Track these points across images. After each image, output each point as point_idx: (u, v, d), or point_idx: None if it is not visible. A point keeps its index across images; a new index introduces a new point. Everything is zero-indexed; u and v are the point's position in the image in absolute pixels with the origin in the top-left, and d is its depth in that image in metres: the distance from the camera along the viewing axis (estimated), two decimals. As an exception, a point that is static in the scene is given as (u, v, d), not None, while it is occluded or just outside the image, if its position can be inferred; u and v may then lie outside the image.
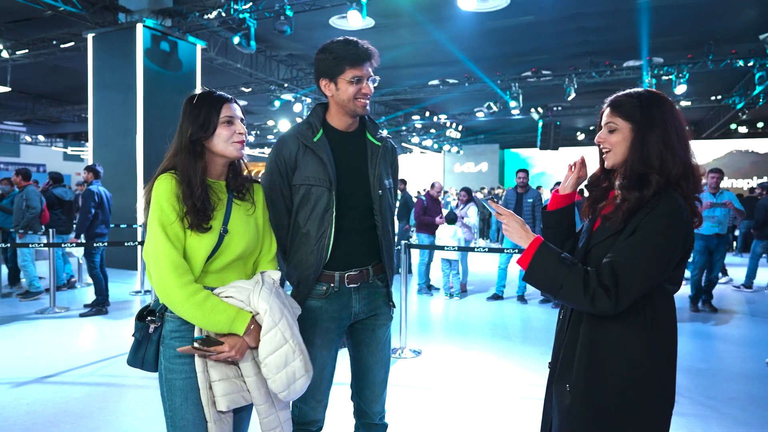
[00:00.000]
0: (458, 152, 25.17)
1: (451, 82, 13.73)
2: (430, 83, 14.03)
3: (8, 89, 12.65)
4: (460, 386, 3.72)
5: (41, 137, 23.55)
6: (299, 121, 1.98)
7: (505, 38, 10.35)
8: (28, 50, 10.27)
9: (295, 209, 1.80)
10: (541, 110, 15.77)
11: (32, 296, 6.40)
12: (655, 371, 1.33)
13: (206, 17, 8.46)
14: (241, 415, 1.64)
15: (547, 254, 1.37)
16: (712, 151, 21.40)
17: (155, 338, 1.54)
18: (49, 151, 25.39)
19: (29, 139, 23.54)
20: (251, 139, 22.77)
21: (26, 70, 12.15)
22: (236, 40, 8.26)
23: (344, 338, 1.96)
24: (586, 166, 1.56)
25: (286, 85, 12.88)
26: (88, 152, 9.19)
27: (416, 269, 7.39)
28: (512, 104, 12.96)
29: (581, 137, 22.11)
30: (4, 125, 21.29)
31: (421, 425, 3.09)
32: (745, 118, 15.89)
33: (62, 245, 5.79)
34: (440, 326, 5.59)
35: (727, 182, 19.81)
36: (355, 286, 1.82)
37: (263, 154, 27.31)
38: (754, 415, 3.28)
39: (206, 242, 1.49)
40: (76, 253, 6.18)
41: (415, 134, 22.13)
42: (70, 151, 25.80)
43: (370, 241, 1.85)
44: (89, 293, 6.71)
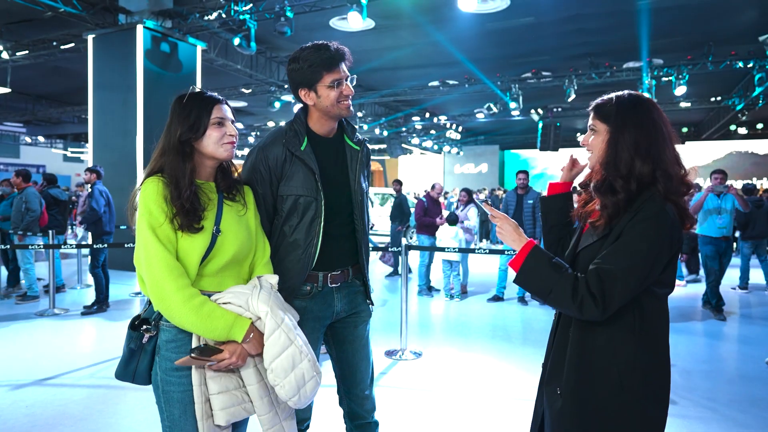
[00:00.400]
0: (458, 153, 25.18)
1: (451, 83, 13.73)
2: (430, 84, 14.03)
3: (8, 90, 12.65)
4: (461, 388, 3.71)
5: (41, 138, 23.55)
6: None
7: (505, 39, 10.35)
8: (28, 51, 10.27)
9: (281, 219, 1.79)
10: (541, 111, 15.78)
11: (30, 299, 6.40)
12: (644, 373, 1.33)
13: (206, 18, 8.46)
14: (239, 430, 1.60)
15: (538, 258, 1.38)
16: (711, 152, 21.41)
17: (149, 348, 1.47)
18: (48, 152, 25.39)
19: (29, 140, 23.54)
20: (251, 140, 22.75)
21: (26, 71, 12.15)
22: (236, 41, 8.27)
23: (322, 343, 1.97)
24: (579, 163, 1.67)
25: (286, 86, 12.88)
26: (88, 153, 9.19)
27: (416, 270, 7.38)
28: (512, 105, 12.96)
29: (581, 138, 22.04)
30: (3, 126, 21.30)
31: (422, 427, 3.08)
32: (744, 119, 15.92)
33: (61, 246, 5.79)
34: (441, 328, 5.58)
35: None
36: (336, 285, 1.86)
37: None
38: (755, 417, 3.27)
39: (199, 243, 1.44)
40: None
41: (415, 135, 22.14)
42: (69, 153, 25.78)
43: (350, 243, 1.89)
44: (89, 294, 6.70)
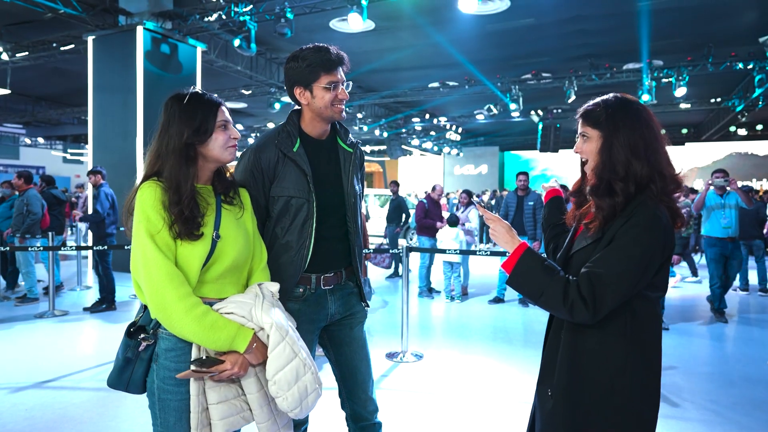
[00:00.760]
0: (458, 154, 25.17)
1: (451, 84, 13.73)
2: (430, 86, 14.03)
3: (8, 91, 12.65)
4: (462, 391, 3.70)
5: (41, 139, 23.54)
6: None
7: (505, 41, 10.35)
8: (28, 52, 10.26)
9: (273, 220, 1.79)
10: (541, 113, 15.79)
11: (30, 301, 6.39)
12: (635, 376, 1.34)
13: (207, 20, 8.45)
14: None
15: (531, 261, 1.39)
16: (711, 153, 21.42)
17: (145, 357, 1.43)
18: (48, 153, 25.38)
19: (29, 141, 23.53)
20: (250, 141, 22.79)
21: (26, 72, 12.13)
22: (237, 42, 8.26)
23: (318, 346, 1.96)
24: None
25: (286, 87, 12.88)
26: (88, 155, 9.18)
27: (417, 272, 7.37)
28: (512, 107, 12.97)
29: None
30: (3, 127, 21.28)
31: (424, 430, 3.07)
32: (744, 120, 15.93)
33: (60, 248, 5.79)
34: (442, 330, 5.56)
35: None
36: (329, 287, 1.85)
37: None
38: (758, 420, 3.25)
39: (199, 250, 1.41)
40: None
41: (415, 136, 22.15)
42: (69, 156, 25.76)
43: (342, 246, 1.89)
44: (89, 296, 6.69)
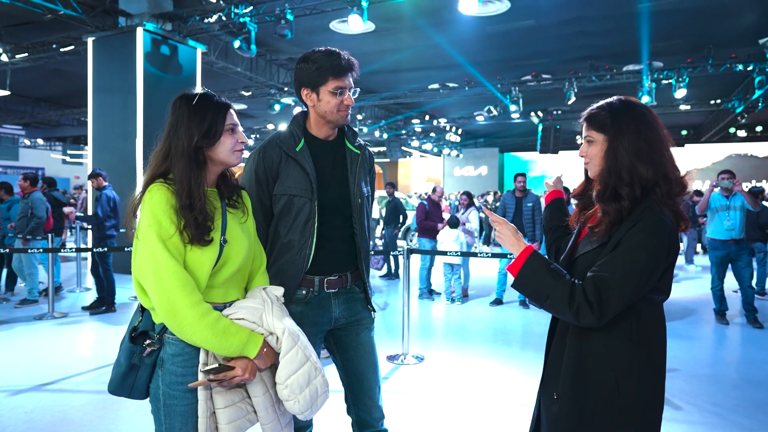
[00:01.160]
0: (458, 156, 25.17)
1: (451, 85, 13.72)
2: (430, 87, 14.03)
3: (7, 93, 12.64)
4: (464, 393, 3.68)
5: (40, 141, 23.52)
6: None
7: (505, 42, 10.35)
8: (27, 54, 10.25)
9: (275, 219, 1.80)
10: (541, 114, 15.80)
11: (29, 303, 6.37)
12: (640, 380, 1.34)
13: (207, 21, 8.44)
14: None
15: (536, 264, 1.39)
16: (711, 154, 21.42)
17: (149, 362, 1.41)
18: (48, 154, 25.36)
19: (28, 142, 23.51)
20: (250, 142, 22.77)
21: (26, 73, 12.12)
22: (237, 43, 8.25)
23: (323, 349, 1.95)
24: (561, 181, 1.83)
25: (286, 88, 12.88)
26: (87, 156, 9.17)
27: (417, 274, 7.36)
28: (512, 108, 12.97)
29: (581, 141, 22.07)
30: (3, 129, 21.27)
31: (424, 433, 3.06)
32: (744, 122, 15.92)
33: (60, 249, 5.78)
34: (442, 332, 5.55)
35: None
36: (334, 291, 1.84)
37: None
38: (761, 422, 3.24)
39: (209, 255, 1.40)
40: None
41: (414, 138, 22.15)
42: (69, 159, 25.75)
43: (348, 248, 1.87)
44: (88, 297, 6.67)
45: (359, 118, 17.15)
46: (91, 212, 6.06)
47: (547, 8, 8.49)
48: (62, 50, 9.96)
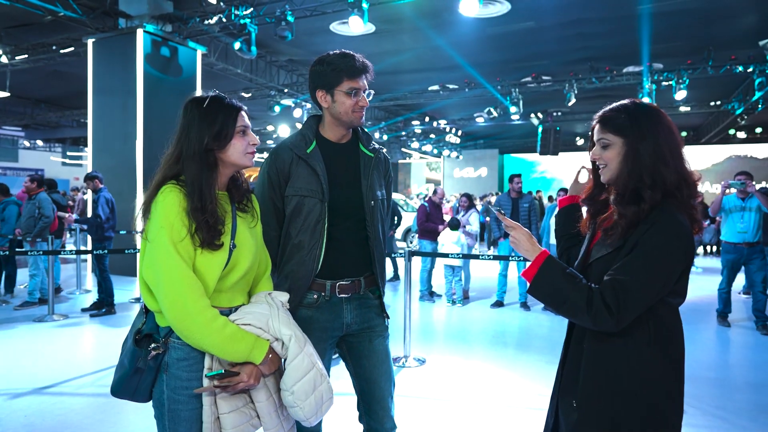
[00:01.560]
0: (458, 157, 25.17)
1: (451, 87, 13.72)
2: (430, 88, 14.03)
3: (7, 94, 12.63)
4: (466, 396, 3.67)
5: (40, 142, 23.51)
6: (299, 127, 1.97)
7: (505, 44, 10.35)
8: (27, 55, 10.24)
9: (286, 220, 1.80)
10: (541, 115, 15.80)
11: (29, 305, 6.35)
12: (660, 383, 1.33)
13: (207, 23, 8.44)
14: None
15: (552, 268, 1.37)
16: (711, 156, 21.43)
17: (153, 365, 1.40)
18: (47, 155, 25.35)
19: (28, 144, 23.50)
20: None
21: (25, 75, 12.12)
22: (237, 45, 8.24)
23: (336, 353, 1.94)
24: (580, 180, 1.66)
25: (286, 90, 12.88)
26: (87, 157, 9.16)
27: (418, 276, 7.34)
28: (512, 109, 12.96)
29: (581, 142, 22.14)
30: (2, 130, 21.26)
31: (427, 437, 3.04)
32: (744, 123, 15.94)
33: (60, 251, 5.77)
34: (444, 334, 5.54)
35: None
36: (346, 296, 1.81)
37: (262, 158, 27.33)
38: (764, 425, 3.23)
39: (218, 259, 1.39)
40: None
41: (414, 139, 22.14)
42: (69, 160, 25.74)
43: (361, 252, 1.85)
44: (88, 299, 6.65)
45: (359, 119, 17.13)
46: (90, 214, 6.06)
47: (547, 10, 8.49)
48: (62, 52, 9.96)
